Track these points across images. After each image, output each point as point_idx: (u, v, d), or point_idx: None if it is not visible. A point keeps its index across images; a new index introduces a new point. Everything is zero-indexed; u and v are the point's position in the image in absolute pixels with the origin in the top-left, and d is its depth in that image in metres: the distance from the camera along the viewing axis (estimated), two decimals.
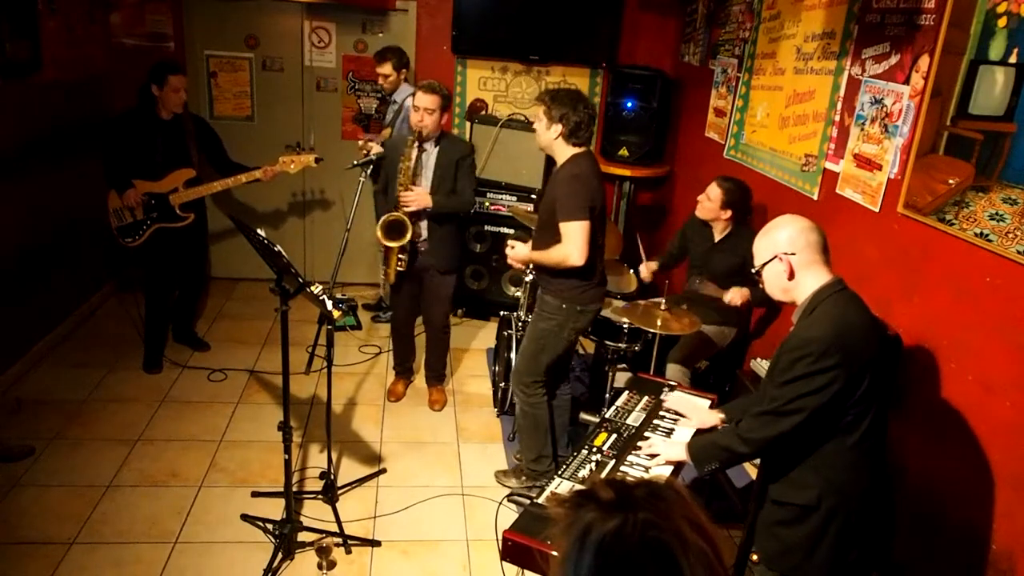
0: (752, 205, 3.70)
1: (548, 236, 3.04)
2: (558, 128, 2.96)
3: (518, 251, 3.18)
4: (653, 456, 2.37)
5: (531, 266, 3.42)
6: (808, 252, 2.02)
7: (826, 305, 1.99)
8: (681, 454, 2.27)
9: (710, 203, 3.57)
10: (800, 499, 2.03)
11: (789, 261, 2.03)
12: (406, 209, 3.58)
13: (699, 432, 2.61)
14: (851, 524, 2.02)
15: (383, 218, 3.62)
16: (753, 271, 2.13)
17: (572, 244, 2.92)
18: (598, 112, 5.45)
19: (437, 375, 4.19)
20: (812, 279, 2.03)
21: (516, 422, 3.40)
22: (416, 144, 3.58)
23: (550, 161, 3.20)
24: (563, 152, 3.02)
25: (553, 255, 2.99)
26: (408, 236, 3.60)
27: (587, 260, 2.94)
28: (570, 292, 3.08)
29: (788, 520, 2.07)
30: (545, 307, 3.15)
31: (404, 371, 4.28)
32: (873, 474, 2.04)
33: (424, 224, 3.71)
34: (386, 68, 4.57)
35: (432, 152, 3.67)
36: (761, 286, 2.15)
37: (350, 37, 5.29)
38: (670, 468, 2.34)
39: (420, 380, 4.36)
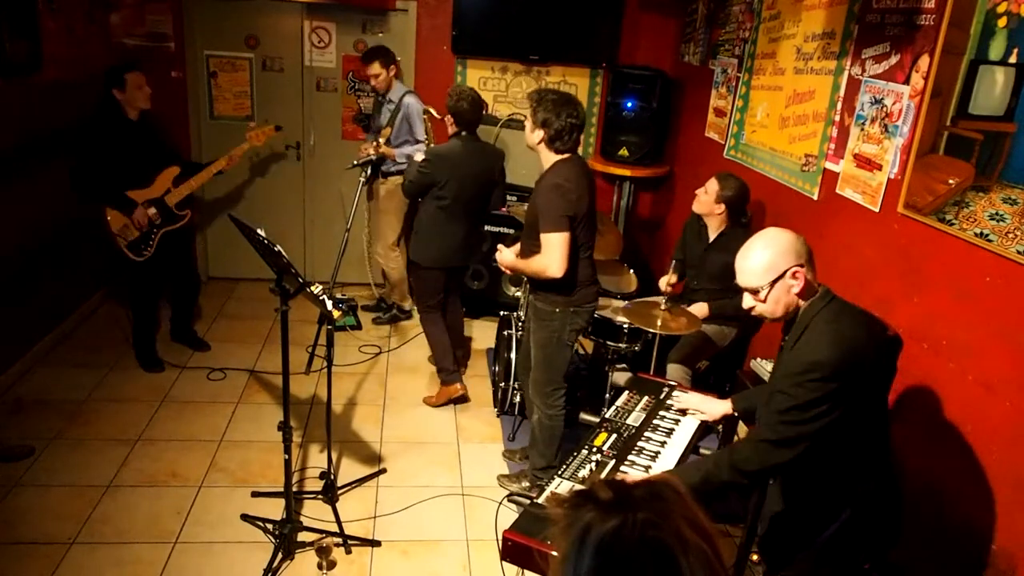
0: (748, 208, 3.69)
1: (533, 240, 3.03)
2: (540, 133, 2.96)
3: (504, 256, 3.20)
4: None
5: None
6: (812, 262, 1.95)
7: (821, 320, 1.91)
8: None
9: (706, 196, 3.59)
10: (815, 507, 2.01)
11: (804, 274, 1.92)
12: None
13: (706, 425, 2.63)
14: (861, 528, 2.01)
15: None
16: (761, 293, 1.95)
17: (550, 256, 2.90)
18: (598, 112, 5.47)
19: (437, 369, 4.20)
20: (811, 291, 1.96)
21: (531, 431, 3.37)
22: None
23: None
24: (547, 157, 3.02)
25: (533, 265, 2.99)
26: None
27: (570, 266, 2.93)
28: (559, 296, 3.07)
29: (800, 526, 2.04)
30: (540, 314, 3.14)
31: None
32: (879, 476, 2.02)
33: None
34: (375, 68, 4.57)
35: None
36: (757, 305, 1.99)
37: (350, 37, 5.29)
38: (686, 442, 2.35)
39: (423, 379, 4.37)
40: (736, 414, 2.53)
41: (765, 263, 1.93)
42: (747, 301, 2.00)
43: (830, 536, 2.00)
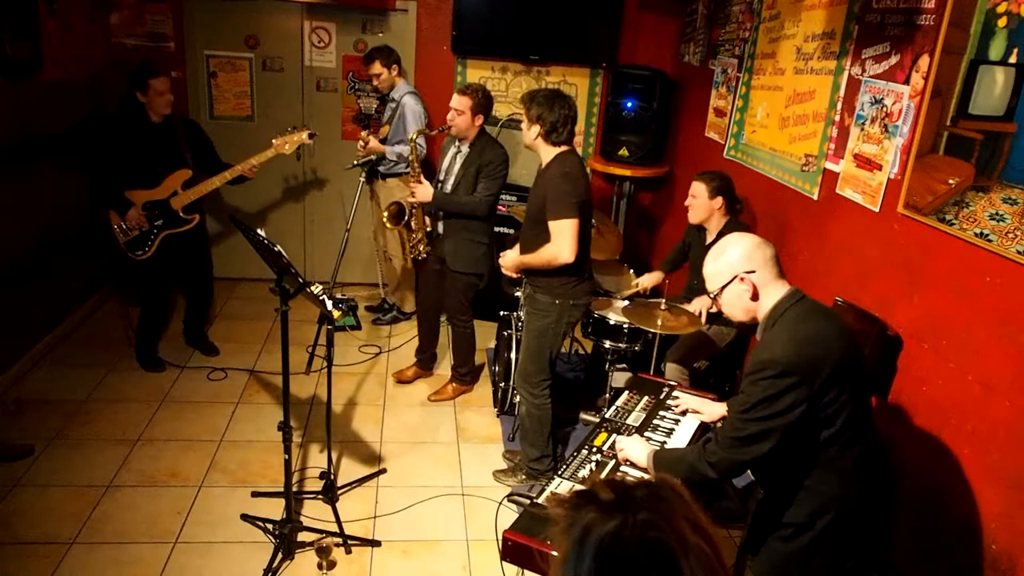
0: (739, 195, 3.68)
1: (537, 234, 3.08)
2: (536, 129, 3.04)
3: (508, 259, 3.25)
4: (619, 453, 2.33)
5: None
6: (767, 268, 1.97)
7: (784, 320, 1.94)
8: (641, 459, 2.20)
9: (698, 200, 3.53)
10: (793, 517, 1.99)
11: (751, 280, 1.96)
12: (410, 199, 3.84)
13: (706, 424, 2.64)
14: (846, 535, 1.98)
15: (391, 203, 3.99)
16: (711, 295, 2.06)
17: (562, 242, 2.96)
18: (598, 112, 5.48)
19: (455, 371, 4.22)
20: (771, 295, 1.98)
21: (520, 422, 3.41)
22: (455, 143, 3.83)
23: None
24: (547, 152, 3.09)
25: (544, 255, 3.04)
26: (403, 222, 3.93)
27: (577, 255, 2.99)
28: (562, 288, 3.12)
29: (783, 536, 2.03)
30: (538, 305, 3.19)
31: (419, 360, 4.34)
32: (866, 481, 1.99)
33: (441, 223, 3.87)
34: (375, 67, 4.56)
35: (463, 152, 3.78)
36: (717, 310, 2.09)
37: (350, 37, 5.29)
38: (688, 438, 2.36)
39: (423, 380, 4.37)
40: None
41: (713, 270, 2.04)
42: (707, 302, 2.08)
43: (810, 541, 1.98)
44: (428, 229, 3.98)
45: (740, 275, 1.97)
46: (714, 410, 2.62)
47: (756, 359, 1.91)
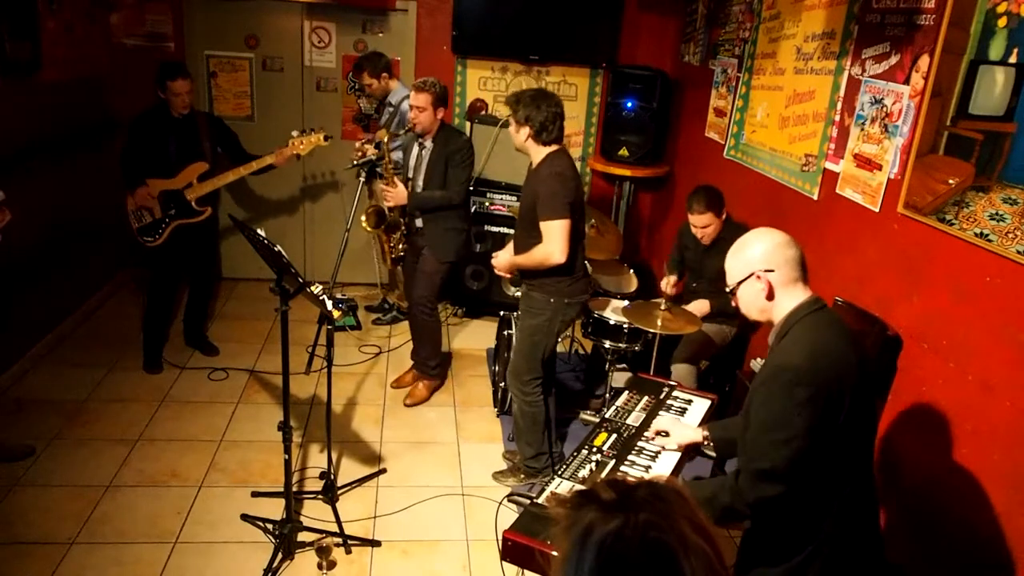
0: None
1: (529, 234, 3.09)
2: (526, 130, 3.02)
3: (501, 259, 3.27)
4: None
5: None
6: (787, 269, 1.86)
7: (800, 327, 1.83)
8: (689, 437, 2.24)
9: (711, 227, 3.54)
10: (780, 545, 1.89)
11: (768, 279, 1.87)
12: (385, 203, 3.84)
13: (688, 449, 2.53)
14: (834, 561, 1.87)
15: (368, 206, 3.97)
16: (728, 290, 1.97)
17: (553, 243, 2.96)
18: (598, 112, 5.47)
19: (420, 364, 4.16)
20: (790, 298, 1.88)
21: (514, 421, 3.41)
22: (417, 141, 3.80)
23: None
24: (537, 152, 3.07)
25: (536, 255, 3.04)
26: (383, 225, 3.92)
27: (569, 255, 2.99)
28: (556, 287, 3.13)
29: (768, 562, 1.93)
30: (533, 304, 3.19)
31: (416, 362, 4.28)
32: (856, 507, 1.87)
33: (419, 218, 3.87)
34: (364, 78, 4.62)
35: (428, 148, 3.78)
36: (735, 305, 1.99)
37: (350, 37, 5.29)
38: (671, 467, 2.34)
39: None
40: (707, 443, 2.36)
41: (732, 264, 1.96)
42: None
43: (799, 564, 1.85)
44: (403, 229, 3.99)
45: (757, 273, 1.87)
46: (683, 435, 2.42)
47: (769, 364, 1.80)
